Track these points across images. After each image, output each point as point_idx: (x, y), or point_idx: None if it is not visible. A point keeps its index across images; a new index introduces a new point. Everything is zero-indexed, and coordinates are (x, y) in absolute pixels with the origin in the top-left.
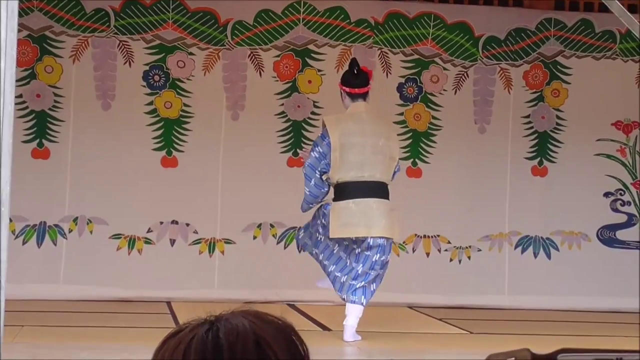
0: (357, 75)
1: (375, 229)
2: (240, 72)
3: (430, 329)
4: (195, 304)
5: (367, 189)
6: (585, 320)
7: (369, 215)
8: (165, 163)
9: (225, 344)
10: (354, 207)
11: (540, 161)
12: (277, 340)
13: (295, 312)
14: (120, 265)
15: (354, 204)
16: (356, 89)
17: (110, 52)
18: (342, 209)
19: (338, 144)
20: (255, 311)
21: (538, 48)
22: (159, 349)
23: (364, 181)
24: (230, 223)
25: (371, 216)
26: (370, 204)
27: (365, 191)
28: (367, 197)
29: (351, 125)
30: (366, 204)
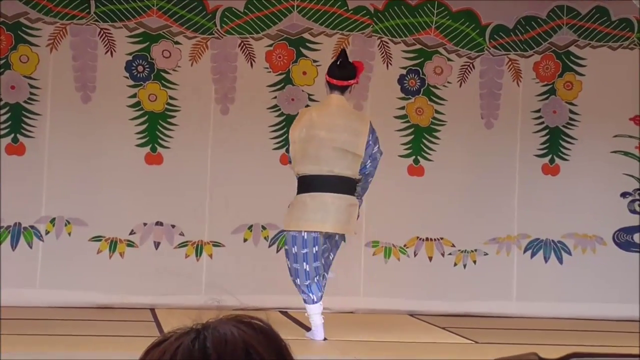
0: (340, 67)
1: (328, 223)
2: (230, 62)
3: (432, 338)
4: (181, 311)
5: (325, 183)
6: (599, 329)
7: (323, 209)
8: (149, 160)
9: (213, 354)
10: (309, 201)
11: (552, 159)
12: (268, 349)
13: (288, 319)
14: (101, 269)
15: (309, 198)
16: (334, 79)
17: (90, 41)
18: (298, 202)
19: (297, 137)
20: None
21: (549, 37)
22: (142, 359)
23: (321, 175)
24: (219, 224)
25: (326, 211)
26: (325, 198)
27: (323, 185)
28: (323, 191)
29: (315, 117)
30: (321, 199)
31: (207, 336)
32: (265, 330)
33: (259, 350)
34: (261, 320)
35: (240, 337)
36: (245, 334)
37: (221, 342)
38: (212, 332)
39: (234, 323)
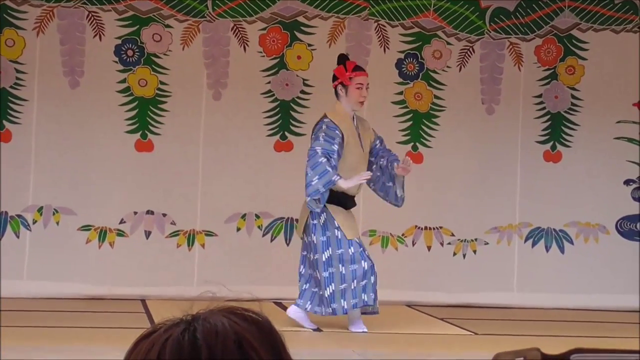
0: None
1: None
2: (223, 46)
3: (431, 330)
4: (172, 302)
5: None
6: (602, 320)
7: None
8: (139, 147)
9: (204, 345)
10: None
11: (554, 145)
12: (261, 341)
13: (283, 311)
14: (90, 259)
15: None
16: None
17: (78, 24)
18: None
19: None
20: (234, 309)
21: (551, 20)
22: (131, 351)
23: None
24: (211, 213)
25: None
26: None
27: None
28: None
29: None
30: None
31: (197, 327)
32: (258, 322)
33: (252, 341)
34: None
35: (232, 328)
36: (237, 325)
37: (212, 334)
38: (203, 323)
39: (225, 314)
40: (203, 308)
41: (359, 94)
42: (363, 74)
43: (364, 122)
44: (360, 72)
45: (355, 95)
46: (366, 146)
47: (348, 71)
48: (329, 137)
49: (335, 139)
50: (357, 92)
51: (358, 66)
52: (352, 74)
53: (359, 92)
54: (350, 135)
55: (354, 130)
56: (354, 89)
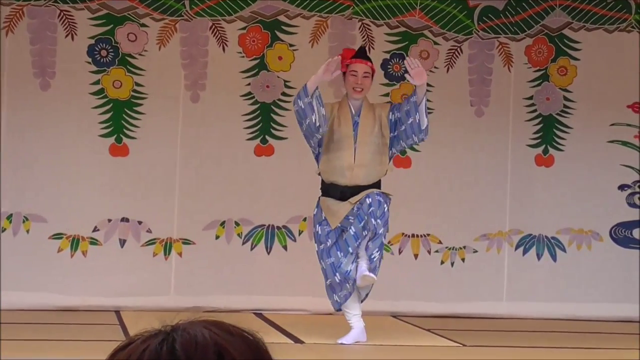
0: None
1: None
2: (201, 46)
3: (417, 342)
4: (148, 313)
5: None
6: (596, 330)
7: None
8: (114, 151)
9: (182, 356)
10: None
11: (545, 149)
12: (243, 353)
13: (263, 322)
14: (62, 269)
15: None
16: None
17: (49, 23)
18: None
19: None
20: (217, 320)
21: (542, 19)
22: None
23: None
24: (189, 221)
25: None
26: None
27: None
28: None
29: None
30: None
31: (176, 338)
32: (243, 335)
33: (233, 353)
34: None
35: (212, 339)
36: (217, 336)
37: (191, 344)
38: (182, 334)
39: (205, 325)
40: (182, 319)
41: (353, 82)
42: (361, 62)
43: (376, 109)
44: (359, 59)
45: (349, 83)
46: (366, 133)
47: (347, 58)
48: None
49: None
50: (351, 79)
51: (361, 53)
52: (349, 60)
53: (353, 80)
54: (341, 119)
55: (349, 117)
56: (348, 76)
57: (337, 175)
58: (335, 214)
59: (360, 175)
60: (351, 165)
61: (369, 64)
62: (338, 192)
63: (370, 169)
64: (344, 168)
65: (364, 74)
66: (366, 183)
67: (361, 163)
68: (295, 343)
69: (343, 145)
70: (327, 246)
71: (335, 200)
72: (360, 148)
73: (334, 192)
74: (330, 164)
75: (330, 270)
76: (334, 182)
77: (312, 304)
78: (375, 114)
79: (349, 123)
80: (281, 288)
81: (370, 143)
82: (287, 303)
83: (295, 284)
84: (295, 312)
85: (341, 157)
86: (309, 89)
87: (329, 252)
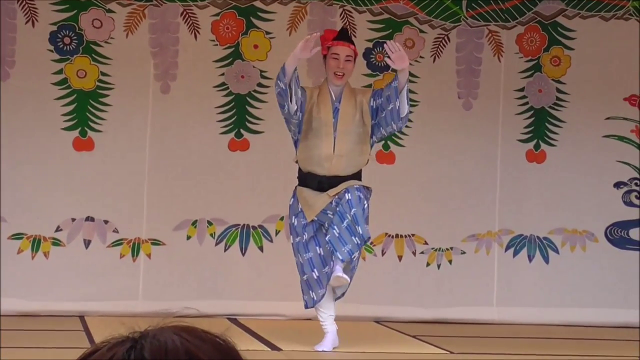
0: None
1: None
2: (171, 34)
3: (402, 348)
4: (114, 319)
5: None
6: (591, 337)
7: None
8: (78, 146)
9: None
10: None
11: (537, 144)
12: None
13: (238, 327)
14: (22, 271)
15: None
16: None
17: (8, 9)
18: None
19: None
20: (189, 326)
21: (534, 6)
22: None
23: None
24: (158, 220)
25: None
26: None
27: None
28: None
29: None
30: None
31: (145, 345)
32: (214, 341)
33: None
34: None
35: (183, 346)
36: (188, 342)
37: (160, 352)
38: (151, 341)
39: (177, 331)
40: (151, 325)
41: (334, 66)
42: (343, 44)
43: (357, 95)
44: (341, 41)
45: (330, 67)
46: (347, 121)
47: (328, 40)
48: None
49: (301, 92)
50: (332, 62)
51: (343, 35)
52: (331, 42)
53: (335, 64)
54: (320, 105)
55: (329, 103)
56: (329, 59)
57: (314, 164)
58: (312, 207)
59: (340, 166)
60: (330, 155)
61: (351, 47)
62: (315, 182)
63: (351, 159)
64: (322, 158)
65: (346, 58)
66: (346, 174)
67: (341, 153)
68: (271, 350)
69: (322, 134)
70: (303, 239)
71: (312, 191)
72: (340, 137)
73: (311, 182)
74: (309, 152)
75: (307, 266)
76: (311, 171)
77: (289, 309)
78: (357, 101)
79: (328, 110)
80: (257, 292)
81: (351, 132)
82: (263, 308)
83: (271, 287)
84: (271, 318)
85: (319, 146)
86: (287, 70)
87: (306, 246)
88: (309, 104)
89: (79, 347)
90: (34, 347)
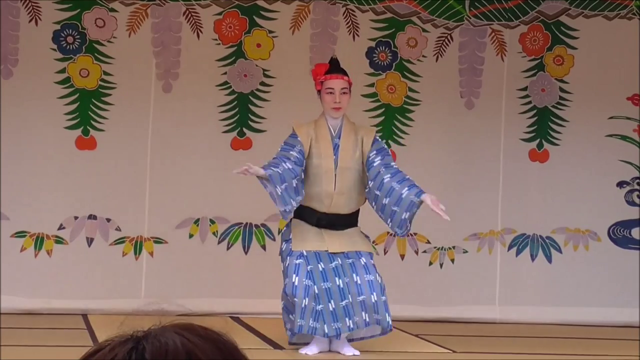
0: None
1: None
2: (174, 33)
3: (405, 348)
4: (117, 317)
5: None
6: (593, 336)
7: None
8: (80, 144)
9: None
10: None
11: (540, 143)
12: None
13: (240, 326)
14: (26, 269)
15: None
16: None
17: (11, 7)
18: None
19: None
20: (190, 325)
21: (537, 5)
22: None
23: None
24: (160, 218)
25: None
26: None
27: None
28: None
29: None
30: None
31: (146, 346)
32: (215, 339)
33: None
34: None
35: (184, 346)
36: (189, 342)
37: (161, 353)
38: (153, 341)
39: (178, 331)
40: (153, 324)
41: (330, 100)
42: (336, 77)
43: (358, 132)
44: (334, 74)
45: (326, 102)
46: (347, 159)
47: (320, 74)
48: (287, 145)
49: (295, 146)
50: (328, 97)
51: (335, 67)
52: (323, 77)
53: (331, 99)
54: (320, 142)
55: (328, 139)
56: (324, 94)
57: (314, 201)
58: (303, 241)
59: (340, 204)
60: (331, 193)
61: (345, 79)
62: (314, 218)
63: (351, 198)
64: (323, 195)
65: (341, 91)
66: (345, 212)
67: (342, 191)
68: (274, 349)
69: (322, 171)
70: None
71: (308, 226)
72: (340, 174)
73: (309, 217)
74: (308, 189)
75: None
76: (310, 207)
77: None
78: (357, 138)
79: (328, 146)
80: (259, 290)
81: (351, 169)
82: (265, 306)
83: (274, 285)
84: (274, 316)
85: (320, 184)
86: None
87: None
88: (306, 145)
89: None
90: (37, 345)
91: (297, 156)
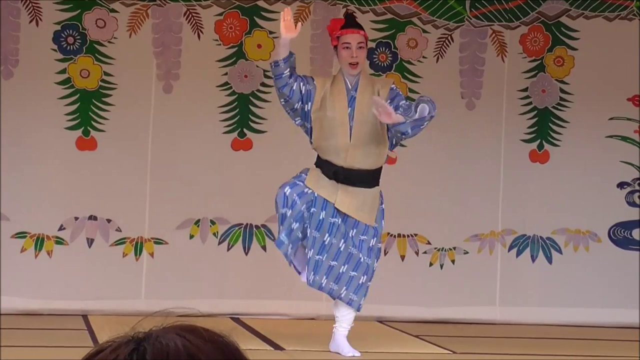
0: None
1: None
2: (174, 33)
3: (405, 349)
4: (118, 318)
5: None
6: (593, 337)
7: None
8: (81, 145)
9: None
10: None
11: (540, 144)
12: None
13: (241, 327)
14: (26, 270)
15: None
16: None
17: (12, 8)
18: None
19: None
20: (192, 327)
21: (538, 6)
22: None
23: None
24: (161, 219)
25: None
26: None
27: None
28: None
29: None
30: None
31: (147, 348)
32: (216, 341)
33: None
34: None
35: (185, 348)
36: (191, 344)
37: (162, 355)
38: (154, 342)
39: (179, 332)
40: (155, 325)
41: (347, 56)
42: (352, 32)
43: (375, 85)
44: (350, 29)
45: (343, 57)
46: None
47: (336, 29)
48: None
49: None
50: (344, 52)
51: (351, 22)
52: (339, 32)
53: (347, 54)
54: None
55: (344, 92)
56: (341, 49)
57: (331, 154)
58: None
59: (357, 157)
60: (347, 145)
61: (361, 33)
62: (331, 171)
63: (369, 152)
64: (339, 148)
65: (358, 45)
66: (364, 167)
67: (357, 143)
68: (274, 350)
69: (337, 123)
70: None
71: (327, 179)
72: (356, 127)
73: (327, 170)
74: (324, 141)
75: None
76: (328, 160)
77: (292, 308)
78: (374, 90)
79: (343, 98)
80: (260, 291)
81: (367, 122)
82: (266, 307)
83: (274, 286)
84: (274, 317)
85: (335, 135)
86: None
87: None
88: (319, 94)
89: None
90: (37, 345)
91: (307, 87)
